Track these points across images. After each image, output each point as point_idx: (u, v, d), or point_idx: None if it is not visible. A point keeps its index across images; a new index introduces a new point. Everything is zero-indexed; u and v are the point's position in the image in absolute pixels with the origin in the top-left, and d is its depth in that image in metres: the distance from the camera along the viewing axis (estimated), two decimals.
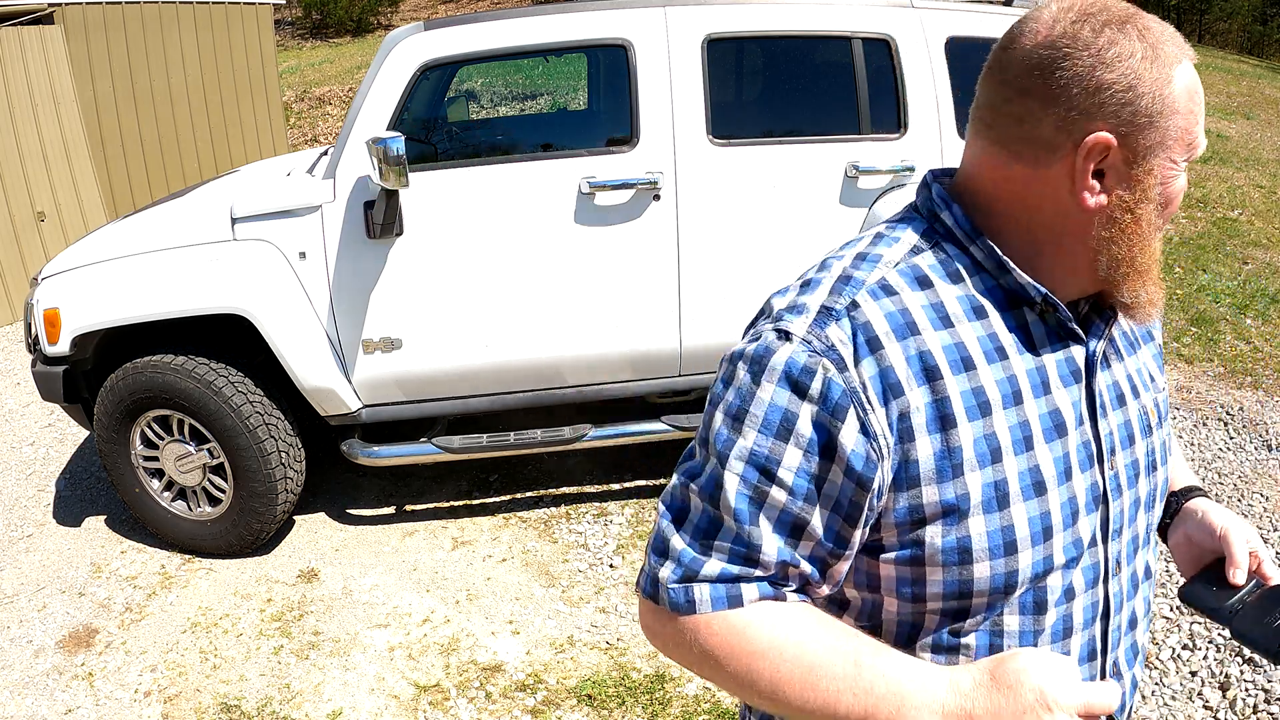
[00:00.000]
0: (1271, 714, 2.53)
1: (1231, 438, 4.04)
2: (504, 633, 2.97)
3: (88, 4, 6.51)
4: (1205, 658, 2.74)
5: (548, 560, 3.33)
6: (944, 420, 0.82)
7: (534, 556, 3.35)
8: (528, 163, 3.10)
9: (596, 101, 4.42)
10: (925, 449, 0.82)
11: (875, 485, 0.81)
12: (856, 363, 0.81)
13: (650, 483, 3.79)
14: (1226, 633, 2.81)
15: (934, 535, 0.83)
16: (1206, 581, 0.98)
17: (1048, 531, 0.85)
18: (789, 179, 3.17)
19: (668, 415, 3.44)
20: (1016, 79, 0.82)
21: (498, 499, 3.73)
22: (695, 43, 3.09)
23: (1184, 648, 2.79)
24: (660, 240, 3.16)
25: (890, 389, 0.81)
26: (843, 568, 0.87)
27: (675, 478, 0.89)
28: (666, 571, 0.85)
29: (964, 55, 3.24)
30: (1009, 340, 0.86)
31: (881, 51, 3.20)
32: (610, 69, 3.76)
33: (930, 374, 0.82)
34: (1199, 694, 2.62)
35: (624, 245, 3.15)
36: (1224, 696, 2.61)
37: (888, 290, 0.85)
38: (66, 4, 6.33)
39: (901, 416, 0.81)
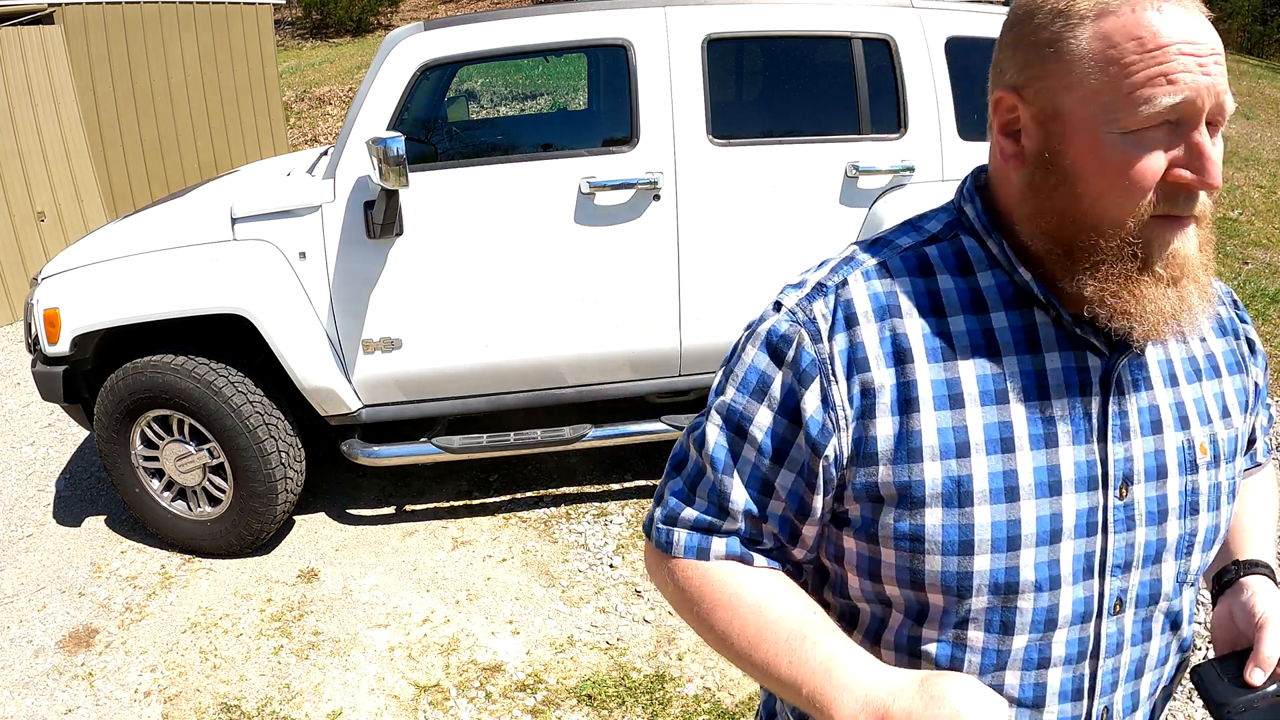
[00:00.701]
0: None
1: None
2: (504, 633, 2.97)
3: (88, 4, 6.51)
4: (1205, 658, 2.74)
5: (548, 560, 3.33)
6: (906, 404, 0.81)
7: (534, 556, 3.35)
8: (528, 163, 3.10)
9: (596, 101, 4.42)
10: (885, 429, 0.82)
11: (829, 454, 0.83)
12: (830, 336, 0.83)
13: (650, 483, 3.79)
14: None
15: (889, 516, 0.83)
16: (1226, 668, 0.86)
17: (1013, 541, 0.81)
18: (789, 179, 3.17)
19: (668, 415, 3.44)
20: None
21: (498, 499, 3.73)
22: (695, 43, 3.09)
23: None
24: (660, 240, 3.16)
25: (856, 365, 0.82)
26: (811, 533, 0.89)
27: (685, 431, 0.95)
28: (658, 512, 0.93)
29: (964, 55, 3.24)
30: (1006, 339, 0.83)
31: (881, 51, 3.20)
32: (610, 69, 3.76)
33: (900, 357, 0.82)
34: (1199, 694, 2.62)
35: (624, 245, 3.15)
36: None
37: (882, 273, 0.86)
38: (66, 4, 6.33)
39: (865, 393, 0.82)
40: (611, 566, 3.27)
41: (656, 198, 3.13)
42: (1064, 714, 0.88)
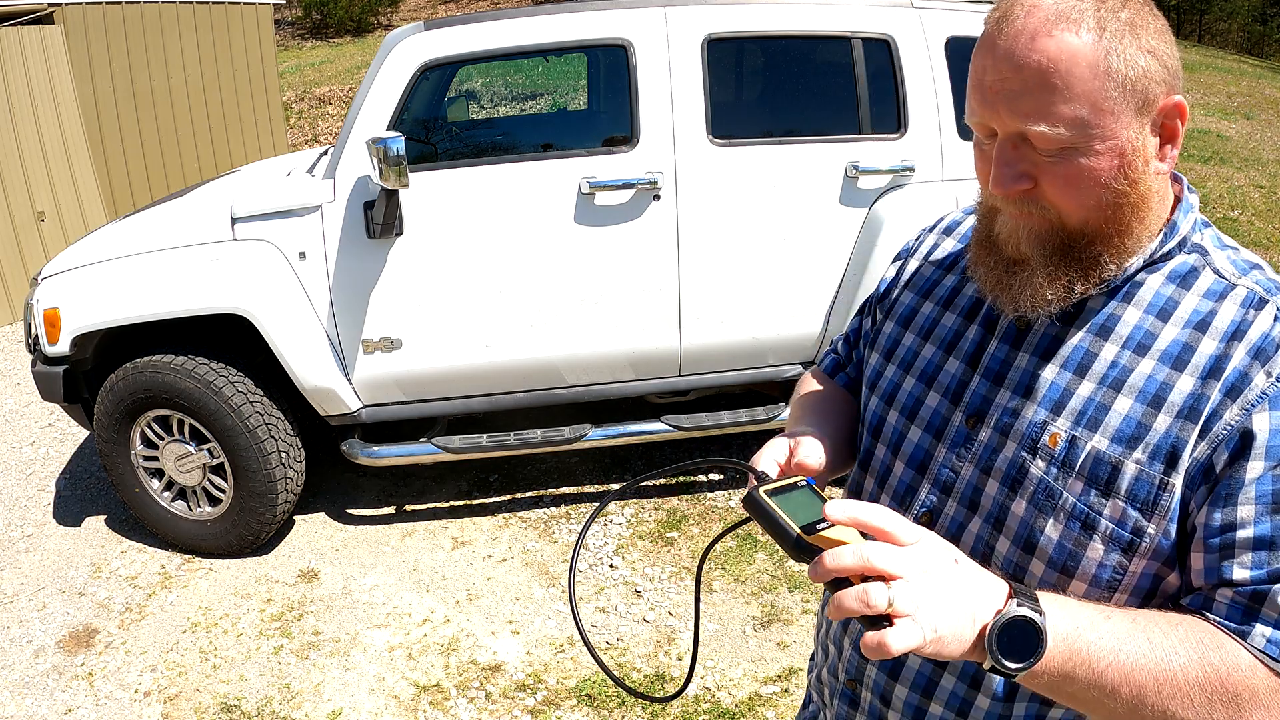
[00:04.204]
0: None
1: None
2: (504, 633, 2.97)
3: (88, 4, 6.51)
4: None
5: (548, 560, 3.33)
6: (891, 306, 1.11)
7: (534, 556, 3.35)
8: (527, 163, 3.10)
9: (596, 101, 4.42)
10: (885, 312, 1.13)
11: (875, 301, 1.18)
12: (909, 252, 1.15)
13: (650, 483, 3.79)
14: None
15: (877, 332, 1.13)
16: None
17: (889, 398, 1.04)
18: (789, 179, 3.17)
19: (668, 415, 3.43)
20: None
21: (498, 499, 3.73)
22: (695, 43, 3.09)
23: None
24: (660, 240, 3.16)
25: (900, 265, 1.16)
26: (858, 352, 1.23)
27: None
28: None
29: (964, 55, 3.24)
30: (961, 297, 1.03)
31: (881, 51, 3.20)
32: (610, 69, 3.76)
33: (912, 284, 1.10)
34: None
35: (624, 245, 3.15)
36: None
37: (938, 230, 1.14)
38: (66, 4, 6.33)
39: (894, 281, 1.14)
40: (611, 566, 3.27)
41: (656, 198, 3.13)
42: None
